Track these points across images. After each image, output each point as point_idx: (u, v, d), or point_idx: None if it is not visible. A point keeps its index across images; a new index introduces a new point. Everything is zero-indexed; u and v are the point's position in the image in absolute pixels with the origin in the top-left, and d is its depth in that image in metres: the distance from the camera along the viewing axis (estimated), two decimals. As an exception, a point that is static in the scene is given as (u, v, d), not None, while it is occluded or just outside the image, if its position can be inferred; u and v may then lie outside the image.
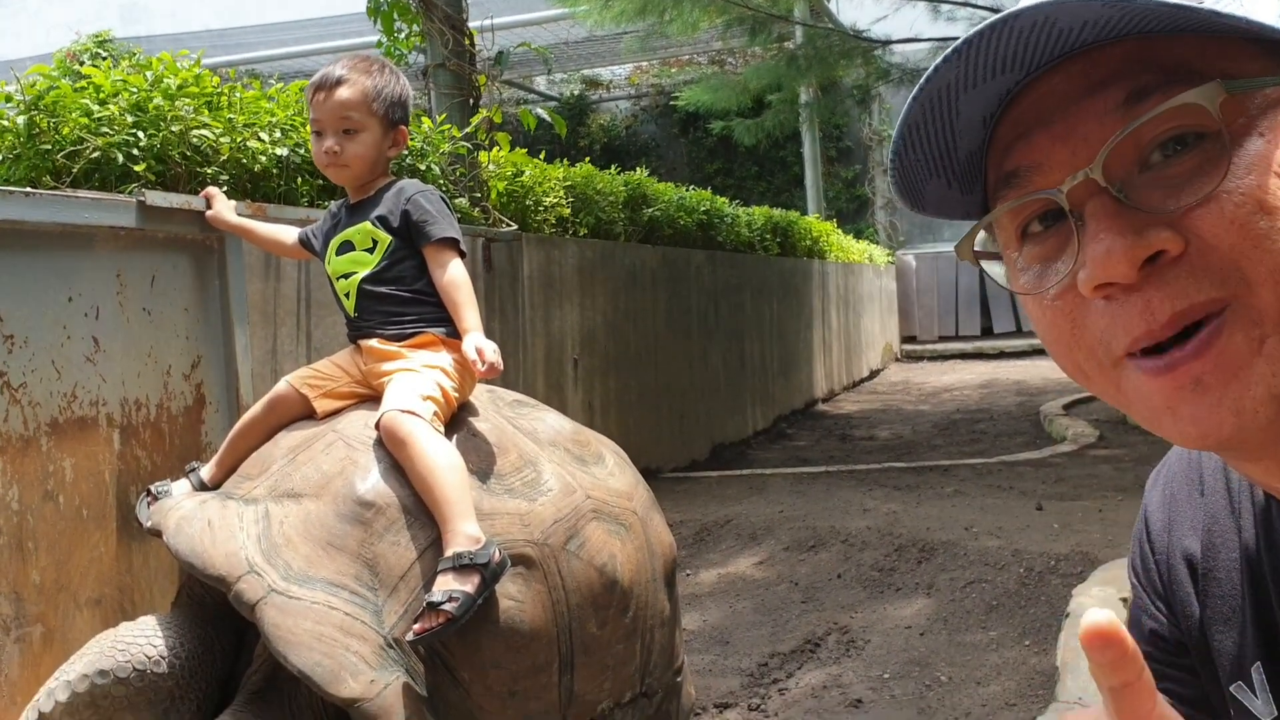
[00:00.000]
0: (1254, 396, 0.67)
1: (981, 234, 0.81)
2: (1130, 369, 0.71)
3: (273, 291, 3.37)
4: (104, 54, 10.65)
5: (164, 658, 2.15)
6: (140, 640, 2.18)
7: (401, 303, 2.48)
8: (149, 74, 3.23)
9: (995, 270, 0.83)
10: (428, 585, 2.04)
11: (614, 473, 2.55)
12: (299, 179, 3.61)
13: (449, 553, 2.04)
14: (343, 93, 2.47)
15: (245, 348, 3.15)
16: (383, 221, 2.49)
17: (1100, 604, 3.36)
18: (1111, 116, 0.70)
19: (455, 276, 2.47)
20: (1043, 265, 0.76)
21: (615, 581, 2.31)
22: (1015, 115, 0.75)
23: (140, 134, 3.06)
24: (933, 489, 5.96)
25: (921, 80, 0.73)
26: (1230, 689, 0.89)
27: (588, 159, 6.88)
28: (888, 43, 9.64)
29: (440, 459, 2.16)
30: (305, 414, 2.47)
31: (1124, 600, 3.39)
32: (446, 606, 1.96)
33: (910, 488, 6.04)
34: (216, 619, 2.31)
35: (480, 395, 2.56)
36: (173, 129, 3.13)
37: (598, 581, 2.28)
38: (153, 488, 2.56)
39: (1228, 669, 0.90)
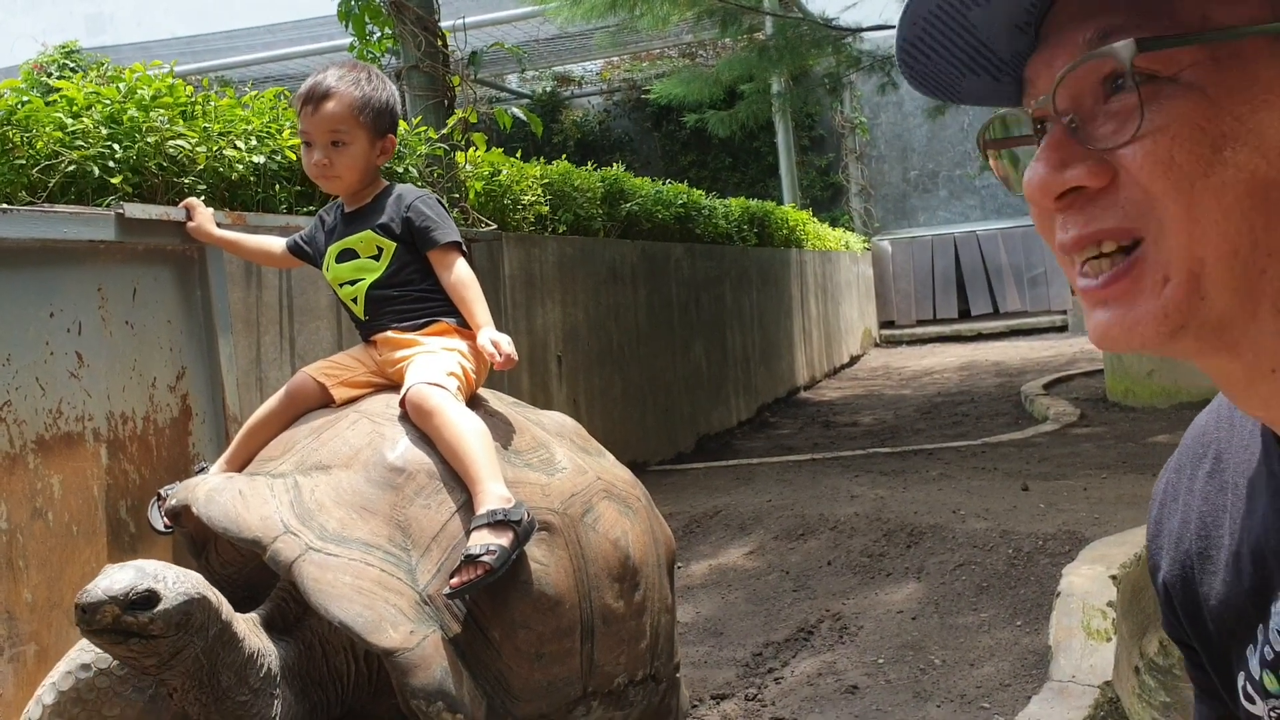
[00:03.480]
0: (1146, 327, 0.73)
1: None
2: (1074, 271, 0.78)
3: (255, 299, 3.36)
4: (72, 65, 10.55)
5: None
6: None
7: (411, 301, 2.56)
8: (122, 85, 3.21)
9: (994, 164, 0.88)
10: (459, 545, 2.10)
11: (617, 465, 2.65)
12: (277, 185, 3.60)
13: (482, 510, 2.11)
14: (330, 106, 2.51)
15: (229, 357, 3.14)
16: (385, 229, 2.57)
17: (1090, 582, 3.39)
18: (1080, 51, 0.73)
19: (462, 276, 2.56)
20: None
21: (628, 556, 2.38)
22: (1045, 24, 0.79)
23: (115, 146, 3.04)
24: (918, 473, 5.99)
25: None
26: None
27: (563, 155, 6.87)
28: (857, 30, 9.67)
29: (468, 424, 2.24)
30: (323, 403, 2.54)
31: (1113, 578, 3.42)
32: (485, 559, 2.02)
33: (896, 472, 6.07)
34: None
35: (483, 393, 2.62)
36: (148, 140, 3.11)
37: (613, 555, 2.35)
38: (163, 491, 2.61)
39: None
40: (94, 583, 1.82)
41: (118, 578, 1.83)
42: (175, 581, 1.87)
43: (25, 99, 3.01)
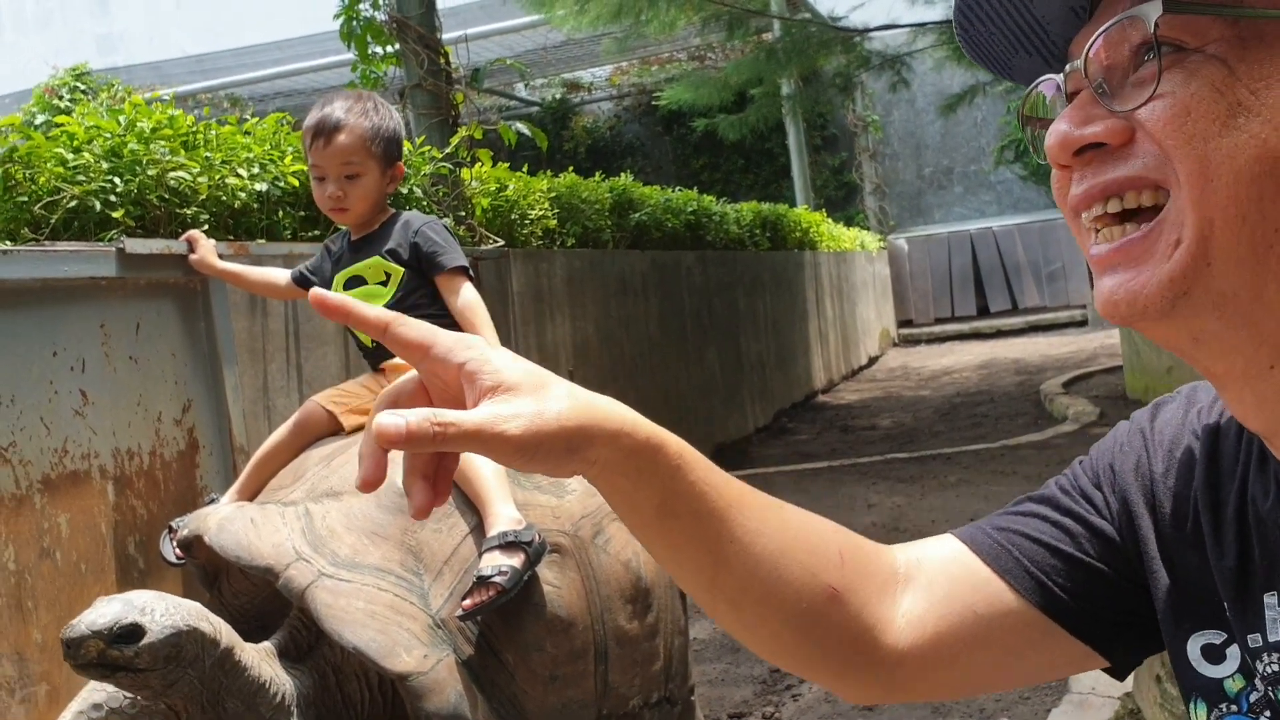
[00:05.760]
0: (1148, 290, 0.73)
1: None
2: (1088, 240, 0.79)
3: (260, 328, 3.36)
4: (83, 88, 10.61)
5: None
6: None
7: None
8: (122, 118, 3.21)
9: (1031, 142, 0.89)
10: (471, 568, 2.10)
11: None
12: (280, 212, 3.59)
13: (494, 532, 2.11)
14: (342, 139, 2.53)
15: (235, 387, 3.13)
16: (393, 255, 2.58)
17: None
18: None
19: (470, 300, 2.58)
20: None
21: (640, 578, 2.38)
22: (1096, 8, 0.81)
23: (117, 180, 3.04)
24: (936, 479, 5.95)
25: None
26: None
27: (571, 166, 6.86)
28: (865, 30, 9.62)
29: None
30: (332, 431, 2.55)
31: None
32: (497, 580, 2.02)
33: (914, 479, 6.02)
34: None
35: None
36: (149, 172, 3.11)
37: (624, 577, 2.35)
38: (174, 523, 2.61)
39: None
40: (80, 616, 1.79)
41: (103, 611, 1.80)
42: (163, 614, 1.84)
43: (26, 136, 3.02)
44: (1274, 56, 0.70)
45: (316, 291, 0.74)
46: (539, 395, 0.74)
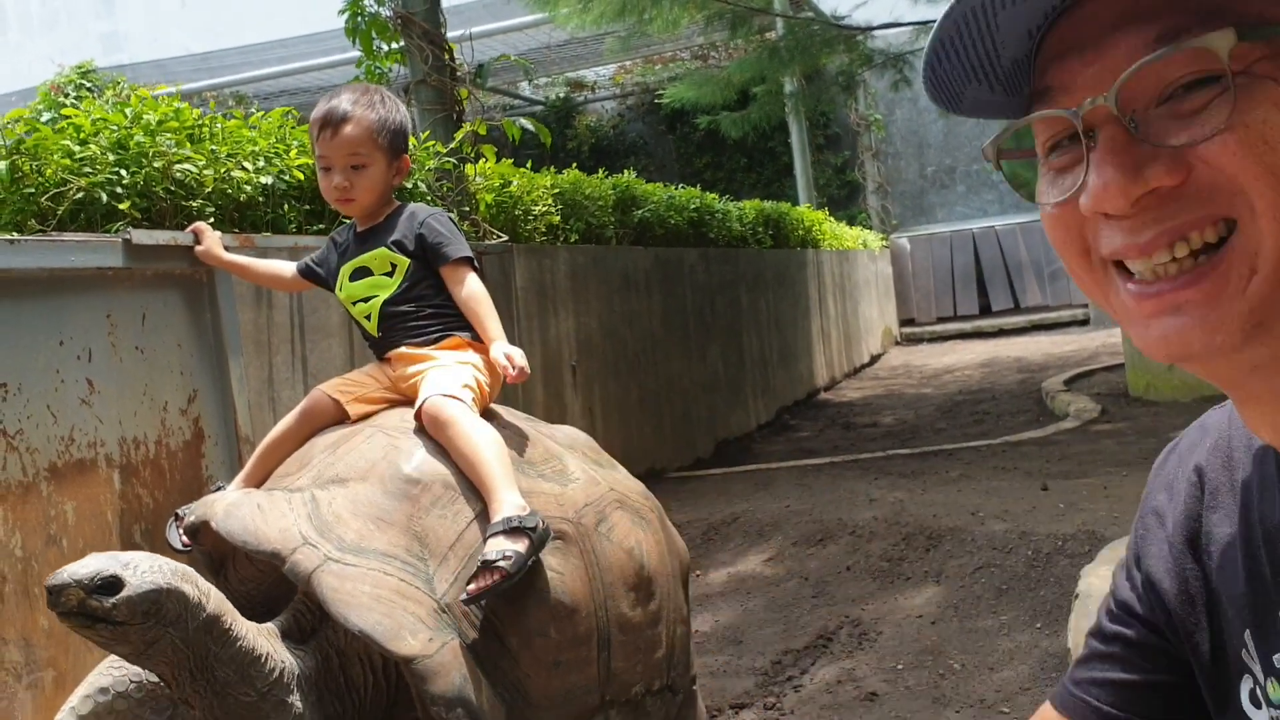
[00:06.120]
0: (1229, 329, 0.70)
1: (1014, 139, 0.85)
2: (1119, 283, 0.76)
3: (265, 320, 3.38)
4: (88, 85, 10.63)
5: None
6: None
7: (425, 317, 2.60)
8: (128, 111, 3.23)
9: (1008, 170, 0.87)
10: (476, 554, 2.12)
11: (629, 478, 2.67)
12: (285, 205, 3.61)
13: (498, 518, 2.13)
14: (349, 130, 2.55)
15: (241, 378, 3.15)
16: (399, 246, 2.60)
17: (1108, 582, 3.36)
18: (1140, 52, 0.72)
19: (474, 291, 2.60)
20: (1055, 176, 0.80)
21: (643, 566, 2.40)
22: (1059, 33, 0.78)
23: (123, 172, 3.06)
24: (938, 474, 5.96)
25: None
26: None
27: (574, 164, 6.87)
28: (869, 29, 9.63)
29: (483, 435, 2.27)
30: (338, 419, 2.56)
31: (1132, 579, 3.39)
32: (501, 564, 2.04)
33: (915, 474, 6.04)
34: None
35: (495, 408, 2.65)
36: (155, 165, 3.13)
37: (627, 564, 2.37)
38: (180, 511, 2.62)
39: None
40: (66, 566, 1.81)
41: (87, 562, 1.81)
42: (146, 571, 1.84)
43: (33, 129, 3.04)
44: None
45: None
46: None
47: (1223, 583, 0.91)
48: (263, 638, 2.07)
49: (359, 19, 5.06)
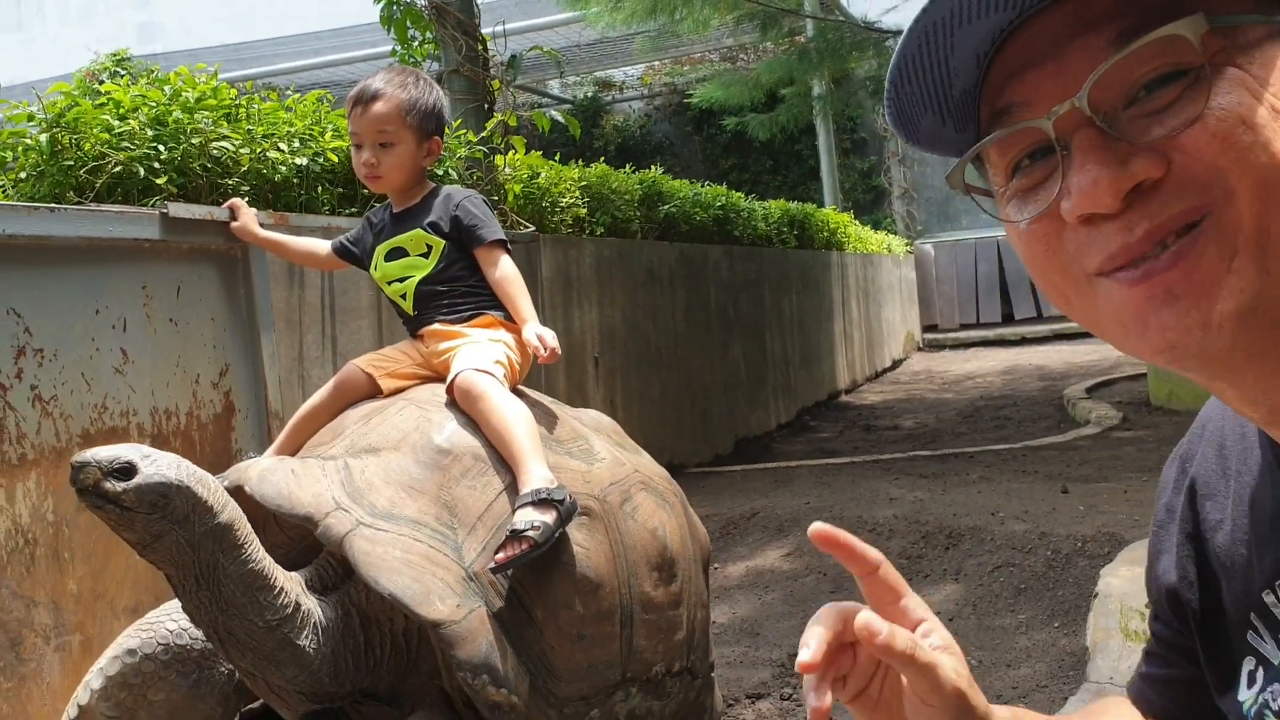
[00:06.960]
0: (1221, 311, 0.70)
1: (974, 170, 0.85)
2: (1104, 284, 0.75)
3: (297, 299, 3.41)
4: (122, 72, 10.73)
5: (185, 629, 2.24)
6: (161, 618, 2.30)
7: (459, 295, 2.65)
8: (167, 88, 3.27)
9: (988, 204, 0.87)
10: (504, 524, 2.15)
11: (652, 462, 2.70)
12: (319, 187, 3.65)
13: (527, 490, 2.17)
14: (378, 107, 2.60)
15: (272, 355, 3.19)
16: (434, 227, 2.65)
17: (1128, 583, 3.36)
18: (1101, 54, 0.72)
19: (508, 272, 2.65)
20: (1024, 195, 0.79)
21: (665, 546, 2.43)
22: (1008, 54, 0.78)
23: (161, 148, 3.11)
24: (958, 476, 5.95)
25: (918, 12, 0.75)
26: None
27: (602, 159, 6.90)
28: (899, 33, 9.61)
29: (513, 409, 2.31)
30: (371, 394, 2.61)
31: (1152, 579, 3.38)
32: (530, 534, 2.07)
33: (935, 475, 6.03)
34: None
35: (522, 389, 2.68)
36: (193, 141, 3.17)
37: (650, 544, 2.39)
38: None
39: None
40: (94, 448, 1.87)
41: (113, 448, 1.87)
42: (162, 465, 1.89)
43: (75, 103, 3.08)
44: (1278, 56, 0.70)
45: (819, 529, 0.84)
46: (963, 664, 0.87)
47: (1223, 569, 0.92)
48: (281, 573, 2.09)
49: (394, 8, 5.10)
